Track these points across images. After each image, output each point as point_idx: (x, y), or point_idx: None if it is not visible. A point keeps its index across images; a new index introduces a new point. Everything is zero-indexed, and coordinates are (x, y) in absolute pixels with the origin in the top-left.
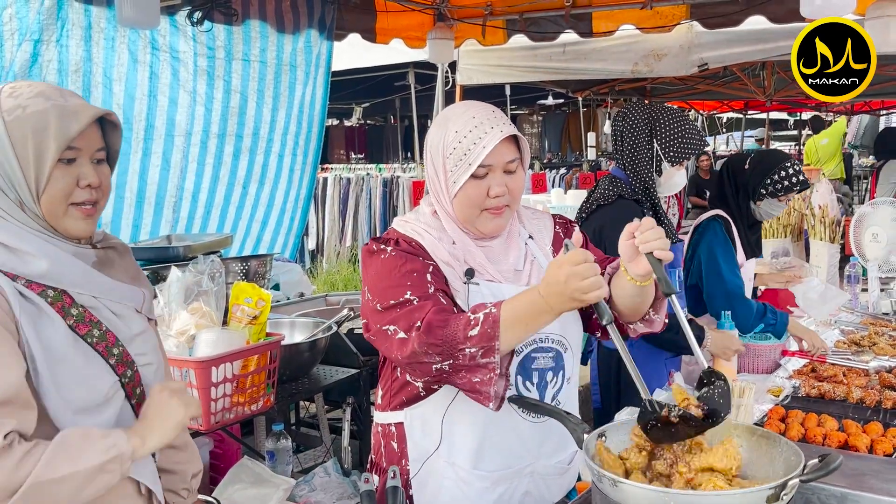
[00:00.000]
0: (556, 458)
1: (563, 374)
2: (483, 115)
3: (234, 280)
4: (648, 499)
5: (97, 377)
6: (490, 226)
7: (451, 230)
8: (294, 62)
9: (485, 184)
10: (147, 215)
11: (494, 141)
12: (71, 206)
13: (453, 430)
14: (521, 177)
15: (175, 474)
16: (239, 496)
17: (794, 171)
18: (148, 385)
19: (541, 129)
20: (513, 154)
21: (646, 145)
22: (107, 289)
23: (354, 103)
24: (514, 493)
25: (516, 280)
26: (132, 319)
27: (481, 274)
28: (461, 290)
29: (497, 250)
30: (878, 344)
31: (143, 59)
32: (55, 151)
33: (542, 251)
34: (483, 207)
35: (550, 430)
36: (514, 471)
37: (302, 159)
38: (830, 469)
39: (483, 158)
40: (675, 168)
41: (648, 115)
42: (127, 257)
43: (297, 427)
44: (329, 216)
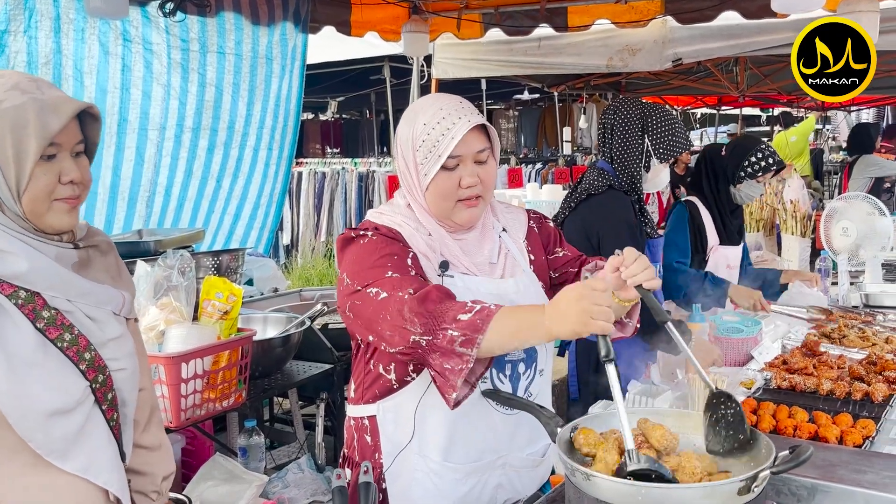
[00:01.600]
0: (529, 450)
1: (535, 367)
2: (451, 105)
3: (206, 275)
4: (621, 492)
5: (66, 382)
6: (464, 216)
7: (426, 222)
8: (270, 55)
9: (456, 175)
10: (120, 210)
11: (462, 131)
12: (54, 202)
13: (425, 423)
14: (492, 167)
15: (145, 476)
16: (211, 493)
17: (770, 152)
18: (120, 390)
19: (516, 124)
20: (482, 144)
21: (637, 140)
22: (84, 292)
23: (329, 97)
24: (485, 485)
25: (491, 273)
26: (107, 323)
27: (456, 266)
28: (436, 282)
29: (472, 243)
30: (847, 336)
31: (114, 52)
32: (36, 150)
33: (515, 244)
34: (456, 199)
35: (523, 423)
36: (485, 463)
37: (277, 153)
38: (801, 461)
39: (452, 149)
40: (663, 165)
41: (641, 111)
42: (110, 256)
43: (270, 423)
44: (304, 211)
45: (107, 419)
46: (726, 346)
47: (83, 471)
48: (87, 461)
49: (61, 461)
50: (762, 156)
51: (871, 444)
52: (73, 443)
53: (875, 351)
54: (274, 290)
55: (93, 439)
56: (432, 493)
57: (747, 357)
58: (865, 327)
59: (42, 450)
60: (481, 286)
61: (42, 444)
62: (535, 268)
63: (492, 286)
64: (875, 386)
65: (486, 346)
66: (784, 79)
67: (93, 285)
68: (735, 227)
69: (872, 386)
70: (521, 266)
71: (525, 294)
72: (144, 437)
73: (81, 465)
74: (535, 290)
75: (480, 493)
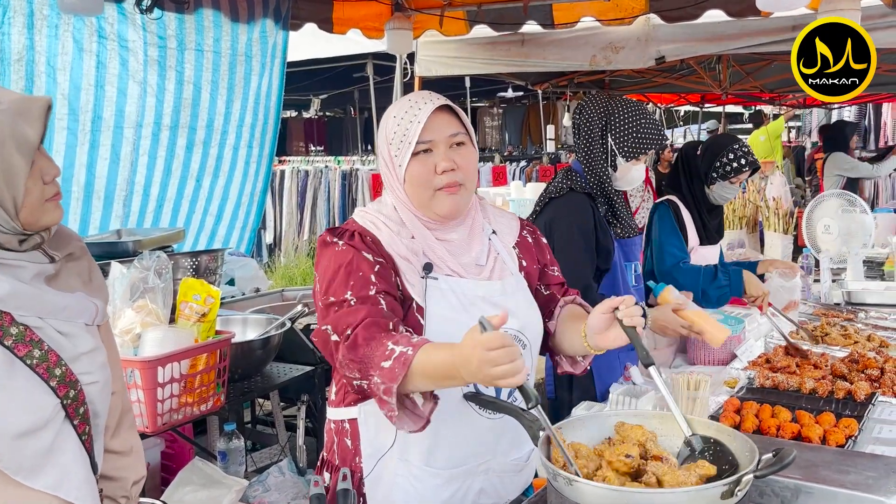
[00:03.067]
0: (513, 455)
1: None
2: (418, 95)
3: (184, 276)
4: (603, 497)
5: (36, 401)
6: (446, 205)
7: (411, 223)
8: (249, 52)
9: (431, 161)
10: (95, 210)
11: (427, 112)
12: (45, 203)
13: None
14: (469, 152)
15: (115, 481)
16: (190, 498)
17: (743, 153)
18: (93, 402)
19: (501, 122)
20: (455, 128)
21: (599, 140)
22: (56, 309)
23: (312, 95)
24: (468, 490)
25: (478, 274)
26: (79, 337)
27: (440, 268)
28: (418, 285)
29: (458, 244)
30: (829, 334)
31: (89, 48)
32: (24, 166)
33: (505, 248)
34: (434, 187)
35: (507, 428)
36: (467, 468)
37: (258, 151)
38: (784, 464)
39: (420, 133)
40: (631, 163)
41: (604, 110)
42: (83, 260)
43: (252, 425)
44: (287, 209)
45: (78, 433)
46: (709, 345)
47: (54, 488)
48: (59, 478)
49: (31, 480)
50: (734, 157)
51: (853, 444)
52: (42, 460)
53: (857, 349)
54: (256, 290)
55: (64, 455)
56: (413, 499)
57: (730, 356)
58: (848, 325)
59: (10, 470)
60: (468, 288)
61: (10, 464)
62: (525, 273)
63: (479, 288)
64: (857, 384)
65: (407, 390)
66: (767, 76)
67: (65, 299)
68: (714, 227)
69: (855, 384)
70: (510, 269)
71: (513, 296)
72: (114, 442)
73: (52, 483)
74: (523, 294)
75: (463, 498)
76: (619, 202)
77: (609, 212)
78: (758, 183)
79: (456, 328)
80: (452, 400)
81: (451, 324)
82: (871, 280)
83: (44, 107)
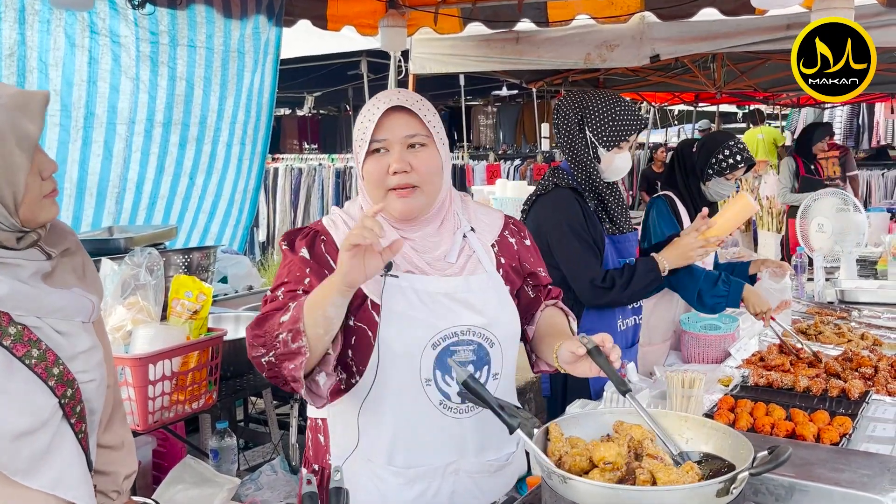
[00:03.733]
0: (486, 456)
1: (488, 370)
2: (382, 94)
3: (176, 273)
4: (598, 495)
5: (34, 402)
6: (397, 207)
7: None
8: (242, 49)
9: (384, 161)
10: (88, 206)
11: (381, 111)
12: (43, 199)
13: (369, 426)
14: (428, 155)
15: (107, 475)
16: (181, 497)
17: (738, 149)
18: (89, 401)
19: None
20: (412, 129)
21: (578, 134)
22: (54, 308)
23: (306, 92)
24: (437, 492)
25: (444, 270)
26: (77, 336)
27: (401, 266)
28: (375, 283)
29: (423, 240)
30: (823, 333)
31: (81, 44)
32: (25, 162)
33: (482, 246)
34: (387, 187)
35: (478, 428)
36: (431, 468)
37: (251, 149)
38: (779, 462)
39: (373, 131)
40: (613, 152)
41: (579, 104)
42: (77, 256)
43: (245, 423)
44: (280, 207)
45: (75, 432)
46: (704, 344)
47: (52, 488)
48: (56, 478)
49: (28, 479)
50: (730, 153)
51: (847, 442)
52: (40, 461)
53: (851, 347)
54: (248, 288)
55: (61, 454)
56: (377, 499)
57: (725, 354)
58: (841, 323)
59: (8, 470)
60: (430, 285)
61: (8, 465)
62: (503, 272)
63: (440, 284)
64: (851, 383)
65: (312, 331)
66: (761, 75)
67: (63, 299)
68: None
69: (849, 383)
70: (483, 266)
71: (480, 293)
72: (106, 437)
73: (50, 483)
74: (494, 292)
75: (433, 499)
76: (610, 197)
77: (599, 207)
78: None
79: (413, 325)
80: (414, 399)
81: (408, 320)
82: (865, 279)
83: (43, 101)
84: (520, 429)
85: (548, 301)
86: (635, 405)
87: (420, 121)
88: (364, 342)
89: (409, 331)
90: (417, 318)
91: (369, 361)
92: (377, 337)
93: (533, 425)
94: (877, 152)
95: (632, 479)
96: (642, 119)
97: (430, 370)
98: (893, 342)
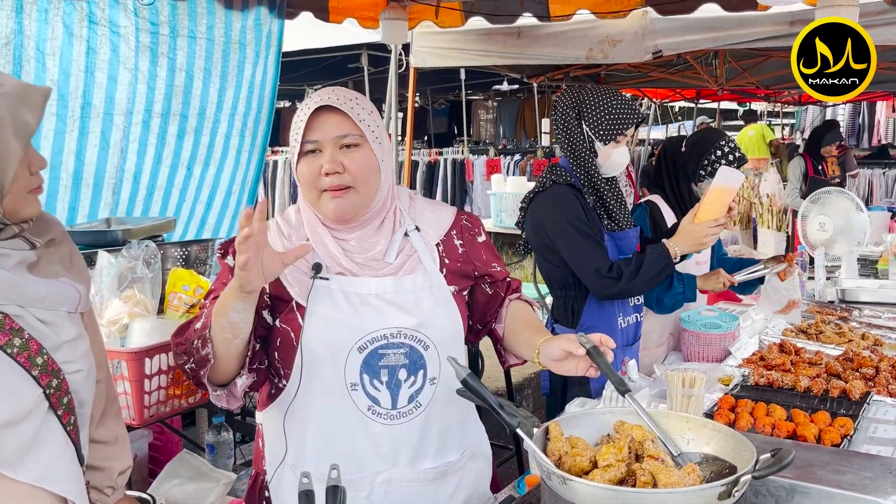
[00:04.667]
0: (422, 465)
1: (423, 374)
2: (317, 93)
3: (173, 266)
4: (599, 496)
5: (17, 391)
6: (329, 208)
7: (310, 222)
8: (243, 40)
9: (318, 161)
10: (85, 197)
11: (307, 112)
12: (28, 194)
13: (294, 432)
14: (362, 155)
15: (101, 471)
16: (176, 492)
17: (730, 148)
18: (77, 392)
19: (496, 115)
20: (343, 129)
21: (576, 128)
22: (37, 298)
23: (307, 85)
24: (368, 501)
25: (377, 271)
26: (61, 326)
27: (331, 268)
28: (301, 286)
29: (357, 241)
30: (824, 332)
31: (79, 34)
32: (19, 151)
33: (425, 245)
34: (320, 188)
35: (411, 436)
36: (360, 476)
37: (250, 141)
38: (783, 465)
39: (304, 132)
40: (611, 146)
41: (576, 99)
42: (64, 246)
43: (242, 417)
44: (279, 200)
45: (63, 424)
46: (705, 343)
47: (39, 480)
48: (44, 470)
49: (14, 472)
50: (721, 153)
51: (849, 443)
52: (26, 453)
53: (852, 347)
54: None
55: (48, 447)
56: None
57: (725, 353)
58: (842, 323)
59: None
60: (360, 286)
61: None
62: (446, 271)
63: (371, 285)
64: (852, 383)
65: (219, 337)
66: (763, 73)
67: (47, 287)
68: None
69: (850, 383)
70: (424, 266)
71: (413, 293)
72: (99, 432)
73: (37, 475)
74: (430, 292)
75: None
76: (609, 194)
77: (598, 203)
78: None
79: (337, 327)
80: (339, 404)
81: (334, 322)
82: (865, 278)
83: (44, 95)
84: (519, 428)
85: (510, 296)
86: (634, 405)
87: (352, 121)
88: (288, 345)
89: (332, 333)
90: (342, 321)
91: (293, 365)
92: (300, 339)
93: (532, 424)
94: (877, 151)
95: (632, 480)
96: (639, 113)
97: (357, 374)
98: (894, 342)
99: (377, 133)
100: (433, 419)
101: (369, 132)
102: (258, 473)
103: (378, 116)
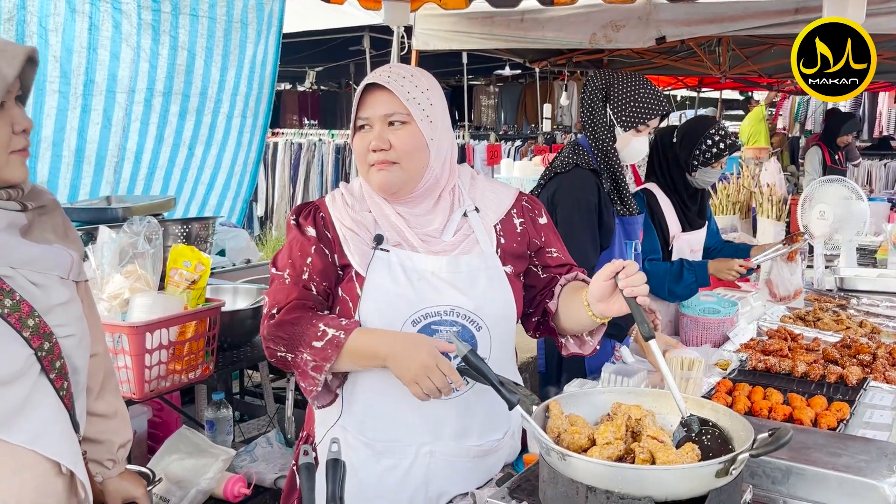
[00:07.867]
0: (466, 442)
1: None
2: (376, 70)
3: (174, 243)
4: (598, 473)
5: (7, 351)
6: (376, 180)
7: (370, 196)
8: (245, 19)
9: (367, 137)
10: (86, 175)
11: (360, 89)
12: (11, 155)
13: (350, 398)
14: (408, 133)
15: (101, 444)
16: (176, 467)
17: (721, 136)
18: (70, 357)
19: (497, 101)
20: (391, 108)
21: (600, 111)
22: (28, 259)
23: (308, 67)
24: (409, 471)
25: (435, 248)
26: (53, 289)
27: (390, 239)
28: (363, 255)
29: (417, 216)
30: (822, 320)
31: (81, 10)
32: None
33: (483, 226)
34: (369, 163)
35: (459, 412)
36: (402, 445)
37: (252, 121)
38: (780, 444)
39: (357, 109)
40: (631, 133)
41: (605, 82)
42: (56, 214)
43: (241, 396)
44: (279, 182)
45: (55, 388)
46: (703, 327)
47: (30, 443)
48: (35, 433)
49: (5, 433)
50: (712, 142)
51: (845, 427)
52: (17, 415)
53: (849, 334)
54: (246, 262)
55: (40, 410)
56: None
57: (723, 338)
58: (840, 311)
59: None
60: (418, 262)
61: None
62: (501, 252)
63: (429, 262)
64: (849, 369)
65: (337, 370)
66: (766, 61)
67: (40, 250)
68: (695, 212)
69: (847, 369)
70: (480, 246)
71: (469, 273)
72: (98, 405)
73: (28, 437)
74: (486, 273)
75: (404, 479)
76: (622, 179)
77: (613, 188)
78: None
79: (392, 300)
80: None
81: (389, 295)
82: (864, 267)
83: (25, 51)
84: (519, 405)
85: (567, 276)
86: (657, 354)
87: (398, 100)
88: (345, 312)
89: (388, 305)
90: (399, 294)
91: None
92: (357, 309)
93: (532, 402)
94: (879, 142)
95: (630, 458)
96: (666, 105)
97: None
98: (892, 330)
99: (428, 111)
100: (480, 397)
101: (418, 111)
102: (308, 435)
103: (435, 94)
